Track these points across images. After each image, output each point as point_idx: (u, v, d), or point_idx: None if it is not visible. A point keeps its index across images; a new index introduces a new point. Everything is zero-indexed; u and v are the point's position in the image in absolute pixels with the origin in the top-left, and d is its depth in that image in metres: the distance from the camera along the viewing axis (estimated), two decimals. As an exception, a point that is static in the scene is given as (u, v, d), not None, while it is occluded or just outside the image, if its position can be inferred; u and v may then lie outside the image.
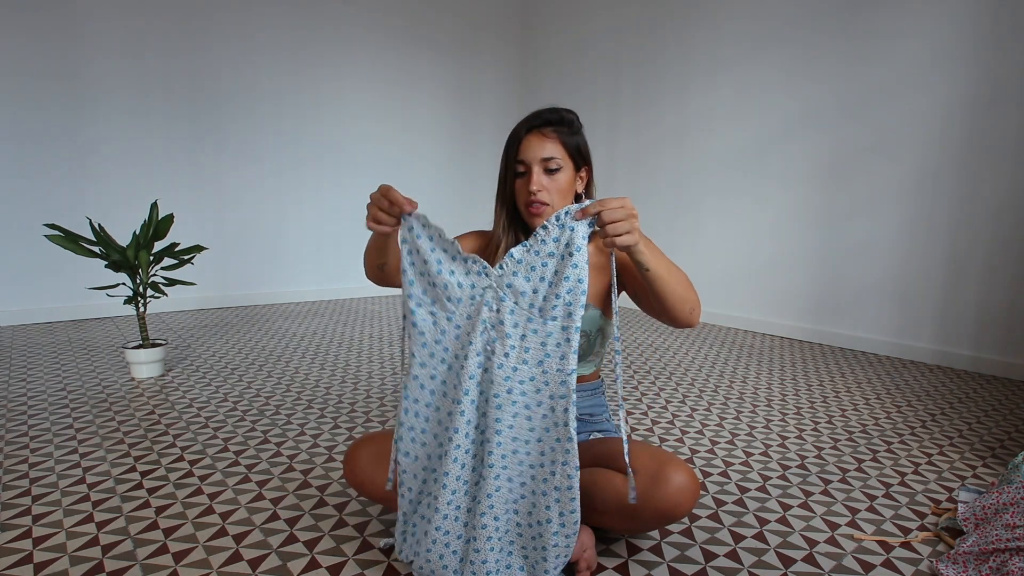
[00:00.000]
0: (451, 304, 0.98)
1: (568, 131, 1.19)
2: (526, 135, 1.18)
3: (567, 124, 1.19)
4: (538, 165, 1.16)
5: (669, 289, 1.02)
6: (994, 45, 2.53)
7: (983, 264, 2.63)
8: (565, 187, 1.19)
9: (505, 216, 1.25)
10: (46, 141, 3.16)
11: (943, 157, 2.71)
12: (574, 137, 1.20)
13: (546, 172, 1.17)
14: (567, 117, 1.20)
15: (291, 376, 2.35)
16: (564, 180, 1.19)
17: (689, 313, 1.06)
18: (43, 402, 2.00)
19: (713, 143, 3.59)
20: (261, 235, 3.92)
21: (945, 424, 1.99)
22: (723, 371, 2.58)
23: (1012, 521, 1.14)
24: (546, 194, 1.17)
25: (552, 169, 1.17)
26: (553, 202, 1.18)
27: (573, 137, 1.20)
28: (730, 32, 3.44)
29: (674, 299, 1.03)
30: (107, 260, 2.22)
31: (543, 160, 1.16)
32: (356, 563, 1.13)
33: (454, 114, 4.65)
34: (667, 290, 1.02)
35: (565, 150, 1.18)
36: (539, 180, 1.16)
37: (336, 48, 4.03)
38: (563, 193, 1.19)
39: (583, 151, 1.22)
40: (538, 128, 1.18)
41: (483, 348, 0.97)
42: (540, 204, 1.17)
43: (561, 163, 1.18)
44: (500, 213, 1.26)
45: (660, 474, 1.02)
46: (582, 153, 1.22)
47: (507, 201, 1.23)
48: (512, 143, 1.20)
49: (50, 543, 1.18)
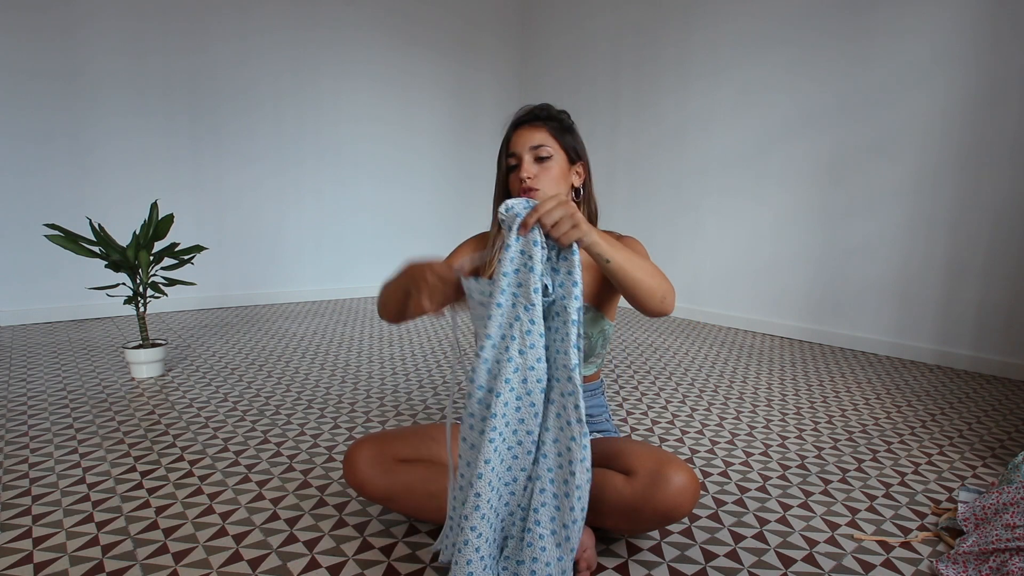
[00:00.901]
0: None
1: (557, 125, 1.20)
2: (516, 129, 1.20)
3: (556, 119, 1.21)
4: (528, 153, 1.17)
5: (635, 278, 1.00)
6: (994, 45, 2.53)
7: (983, 264, 2.63)
8: (557, 176, 1.18)
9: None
10: (46, 141, 3.16)
11: (943, 157, 2.71)
12: (564, 132, 1.21)
13: (537, 161, 1.17)
14: (555, 113, 1.22)
15: (291, 376, 2.35)
16: (556, 170, 1.18)
17: (660, 301, 1.04)
18: (43, 402, 2.00)
19: (713, 143, 3.59)
20: (261, 235, 3.92)
21: (945, 424, 1.99)
22: (723, 371, 2.58)
23: (1012, 521, 1.14)
24: (537, 181, 1.16)
25: (542, 157, 1.17)
26: (546, 188, 1.17)
27: (563, 132, 1.20)
28: (730, 32, 3.44)
29: (642, 288, 1.01)
30: (107, 260, 2.22)
31: (532, 148, 1.17)
32: (356, 563, 1.13)
33: (454, 114, 4.65)
34: (633, 279, 1.00)
35: (556, 140, 1.19)
36: (530, 168, 1.17)
37: (336, 48, 4.03)
38: (555, 183, 1.18)
39: (577, 147, 1.22)
40: (527, 122, 1.19)
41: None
42: (533, 191, 1.16)
43: (551, 151, 1.18)
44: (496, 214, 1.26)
45: (660, 474, 1.02)
46: (575, 148, 1.22)
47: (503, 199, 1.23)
48: (504, 141, 1.21)
49: (50, 543, 1.18)
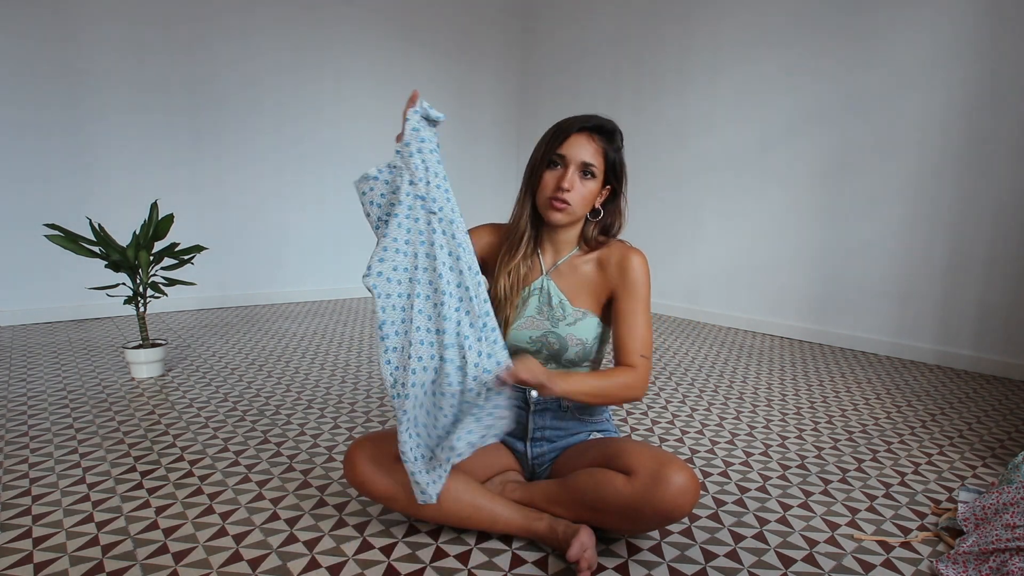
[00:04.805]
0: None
1: (613, 146, 1.21)
2: (576, 132, 1.19)
3: (613, 140, 1.22)
4: (576, 165, 1.18)
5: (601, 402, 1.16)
6: (994, 45, 2.53)
7: (983, 264, 2.63)
8: (588, 197, 1.21)
9: (530, 207, 1.25)
10: (46, 141, 3.15)
11: (943, 156, 2.71)
12: (616, 153, 1.22)
13: (580, 174, 1.18)
14: (617, 133, 1.23)
15: (291, 376, 2.35)
16: (592, 189, 1.21)
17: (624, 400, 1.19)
18: (43, 402, 1.99)
19: (713, 143, 3.59)
20: (261, 235, 3.92)
21: (945, 424, 1.99)
22: (723, 371, 2.58)
23: (1012, 521, 1.14)
24: (572, 194, 1.18)
25: (586, 174, 1.18)
26: (575, 204, 1.19)
27: (615, 153, 1.22)
28: (730, 32, 3.44)
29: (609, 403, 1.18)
30: (107, 260, 2.22)
31: (583, 163, 1.18)
32: (356, 563, 1.13)
33: (454, 114, 4.65)
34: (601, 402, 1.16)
35: (604, 161, 1.20)
36: (572, 179, 1.17)
37: (336, 48, 4.03)
38: (586, 201, 1.21)
39: (617, 170, 1.24)
40: (589, 131, 1.19)
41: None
42: (564, 203, 1.17)
43: (596, 172, 1.20)
44: (525, 203, 1.26)
45: (660, 475, 1.02)
46: (616, 171, 1.23)
47: (532, 190, 1.24)
48: (557, 135, 1.20)
49: (50, 543, 1.18)
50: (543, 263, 1.28)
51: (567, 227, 1.25)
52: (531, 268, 1.28)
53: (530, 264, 1.28)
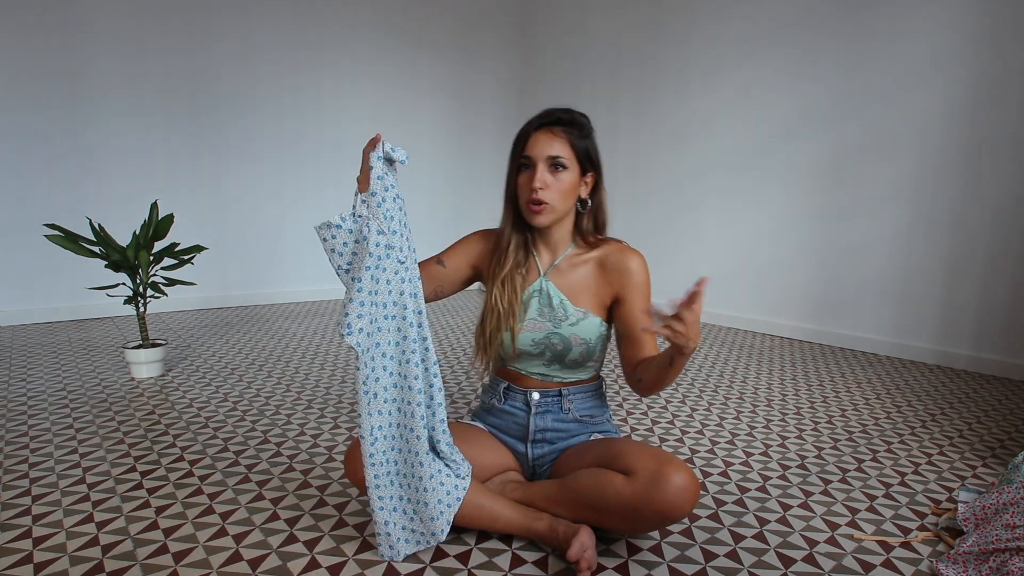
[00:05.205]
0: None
1: (578, 133, 1.19)
2: (535, 131, 1.18)
3: (578, 126, 1.19)
4: (543, 162, 1.16)
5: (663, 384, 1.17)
6: (994, 45, 2.53)
7: (983, 264, 2.63)
8: (567, 188, 1.19)
9: (512, 214, 1.25)
10: (46, 141, 3.15)
11: (943, 157, 2.71)
12: (583, 140, 1.19)
13: (551, 170, 1.17)
14: (579, 119, 1.20)
15: (291, 376, 2.35)
16: (568, 181, 1.18)
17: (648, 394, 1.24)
18: (43, 402, 1.99)
19: (713, 143, 3.59)
20: (261, 235, 3.92)
21: (945, 424, 1.99)
22: (723, 371, 2.58)
23: (1012, 521, 1.14)
24: (547, 192, 1.16)
25: (557, 167, 1.17)
26: (554, 201, 1.17)
27: (583, 140, 1.19)
28: (730, 32, 3.44)
29: (657, 388, 1.19)
30: (107, 260, 2.22)
31: (549, 158, 1.16)
32: (356, 563, 1.13)
33: (454, 114, 4.65)
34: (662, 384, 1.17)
35: (573, 151, 1.18)
36: (542, 177, 1.16)
37: (336, 48, 4.03)
38: (565, 194, 1.19)
39: (592, 156, 1.21)
40: (548, 126, 1.18)
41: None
42: (540, 203, 1.16)
43: (567, 163, 1.17)
44: (508, 211, 1.25)
45: (660, 475, 1.02)
46: (591, 158, 1.21)
47: (513, 198, 1.23)
48: (520, 139, 1.20)
49: (50, 543, 1.18)
50: (540, 264, 1.28)
51: (557, 225, 1.24)
52: (527, 273, 1.27)
53: (525, 270, 1.27)
